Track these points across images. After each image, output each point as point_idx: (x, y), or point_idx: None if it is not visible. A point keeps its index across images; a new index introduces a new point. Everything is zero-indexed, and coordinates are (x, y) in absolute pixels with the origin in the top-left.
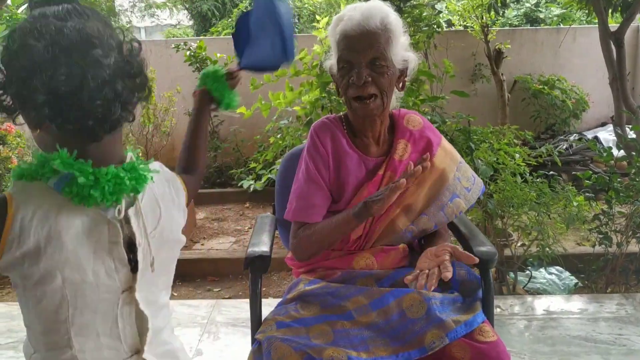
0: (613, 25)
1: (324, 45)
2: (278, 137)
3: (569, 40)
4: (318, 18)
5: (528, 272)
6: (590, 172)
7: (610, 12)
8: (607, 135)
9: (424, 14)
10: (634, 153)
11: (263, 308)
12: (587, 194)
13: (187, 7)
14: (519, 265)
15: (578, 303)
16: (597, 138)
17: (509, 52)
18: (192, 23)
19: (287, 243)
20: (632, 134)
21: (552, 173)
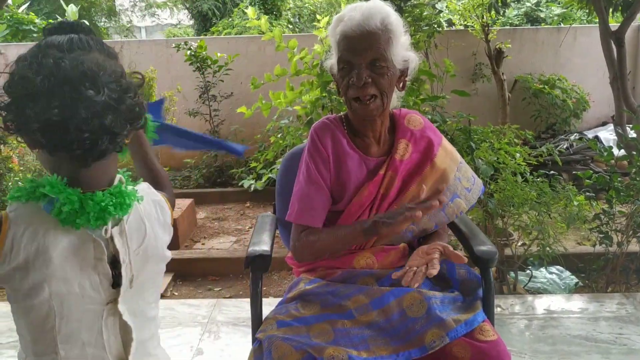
0: (614, 25)
1: (325, 45)
2: (279, 136)
3: (570, 40)
4: (319, 17)
5: (528, 271)
6: (591, 171)
7: (611, 11)
8: (607, 135)
9: (425, 14)
10: (635, 152)
11: (264, 307)
12: (587, 194)
13: (187, 6)
14: (520, 265)
15: (578, 302)
16: (597, 137)
17: (510, 51)
18: (192, 22)
19: (287, 242)
20: (632, 134)
21: (552, 172)
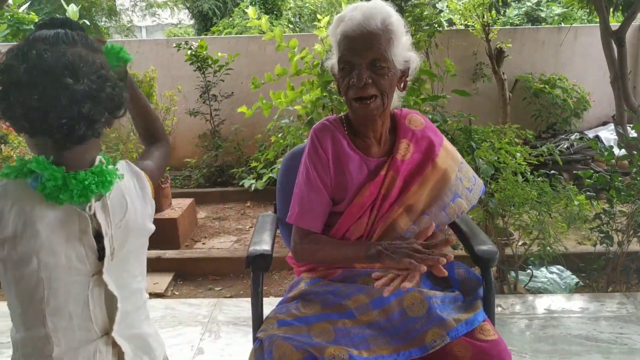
0: (614, 24)
1: (325, 45)
2: (279, 136)
3: (570, 39)
4: (319, 17)
5: (529, 271)
6: (592, 171)
7: (612, 11)
8: (608, 134)
9: (425, 13)
10: (635, 152)
11: (264, 307)
12: (588, 193)
13: (188, 6)
14: (520, 264)
15: (579, 302)
16: (598, 137)
17: (510, 51)
18: (193, 22)
19: (288, 242)
20: (633, 133)
21: (553, 172)
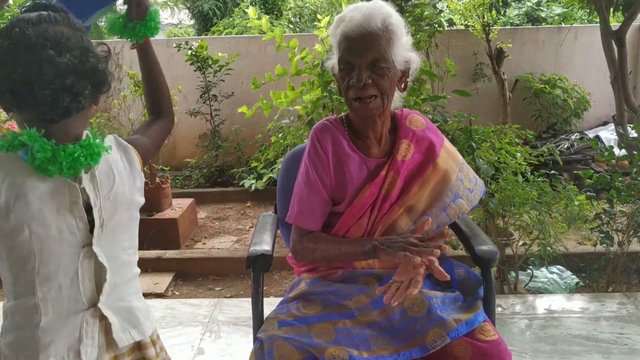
0: (614, 25)
1: (325, 45)
2: (279, 136)
3: (571, 40)
4: (319, 17)
5: (529, 271)
6: (592, 171)
7: (612, 11)
8: (608, 135)
9: (426, 13)
10: (636, 152)
11: (265, 307)
12: (588, 193)
13: (188, 6)
14: (520, 265)
15: (579, 302)
16: (598, 137)
17: (510, 51)
18: (193, 22)
19: (288, 242)
20: (633, 133)
21: (553, 172)
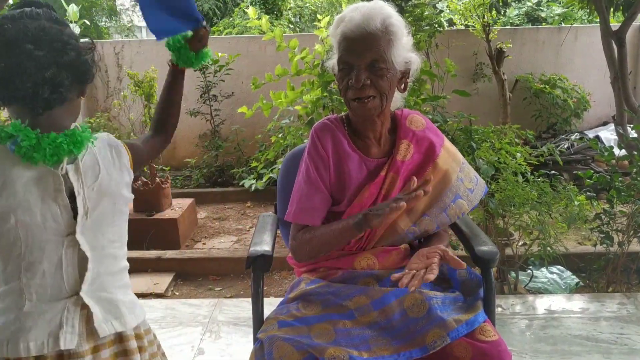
0: (615, 25)
1: (325, 45)
2: (279, 136)
3: (571, 40)
4: (319, 17)
5: (529, 271)
6: (592, 171)
7: (612, 11)
8: (608, 135)
9: (426, 13)
10: (635, 152)
11: (265, 307)
12: (588, 193)
13: None
14: (521, 265)
15: (579, 302)
16: (598, 137)
17: (511, 51)
18: None
19: (288, 242)
20: (633, 133)
21: (553, 172)
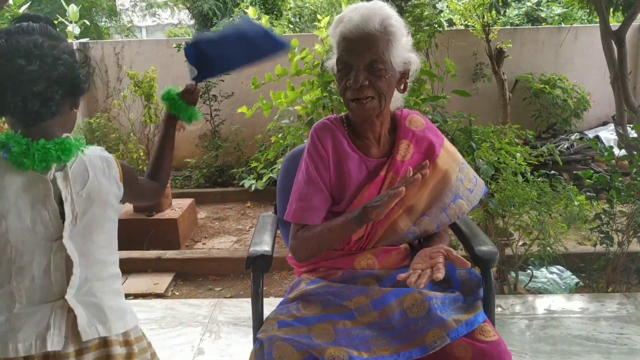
0: (614, 25)
1: (325, 45)
2: (279, 136)
3: (570, 40)
4: (319, 17)
5: (529, 271)
6: (592, 171)
7: (612, 11)
8: (608, 135)
9: (425, 13)
10: (635, 152)
11: (264, 307)
12: (588, 193)
13: (188, 6)
14: (520, 265)
15: (579, 302)
16: (598, 137)
17: (510, 51)
18: (193, 22)
19: (288, 242)
20: (633, 133)
21: (553, 172)
